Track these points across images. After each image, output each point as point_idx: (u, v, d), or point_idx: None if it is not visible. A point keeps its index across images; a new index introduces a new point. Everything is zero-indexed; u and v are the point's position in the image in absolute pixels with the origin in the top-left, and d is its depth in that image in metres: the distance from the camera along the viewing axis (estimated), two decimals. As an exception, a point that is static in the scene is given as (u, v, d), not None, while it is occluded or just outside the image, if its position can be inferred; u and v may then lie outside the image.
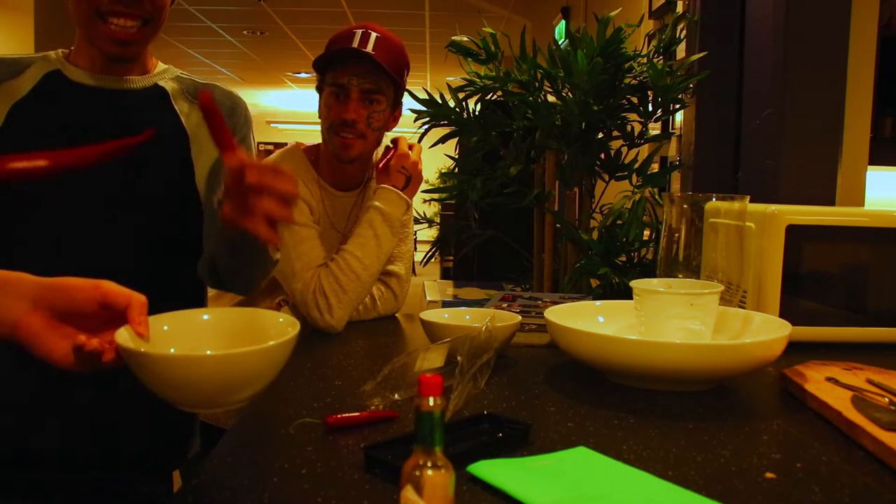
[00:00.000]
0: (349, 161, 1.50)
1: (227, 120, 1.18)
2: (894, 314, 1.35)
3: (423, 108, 2.13)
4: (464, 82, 2.16)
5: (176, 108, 1.19)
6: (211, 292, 1.48)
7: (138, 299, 0.73)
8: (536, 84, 2.08)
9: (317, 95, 1.53)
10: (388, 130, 1.54)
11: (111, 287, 0.73)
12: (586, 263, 1.91)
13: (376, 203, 1.48)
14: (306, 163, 1.53)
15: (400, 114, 1.56)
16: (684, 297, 1.07)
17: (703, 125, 2.30)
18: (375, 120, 1.47)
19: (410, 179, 1.52)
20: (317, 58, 1.46)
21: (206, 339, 0.80)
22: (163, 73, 1.22)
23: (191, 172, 1.18)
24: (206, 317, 0.83)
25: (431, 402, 0.52)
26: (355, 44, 1.43)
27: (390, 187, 1.50)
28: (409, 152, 1.53)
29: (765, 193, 1.93)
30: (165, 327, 0.79)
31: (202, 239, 1.19)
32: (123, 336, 0.70)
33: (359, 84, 1.44)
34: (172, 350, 0.77)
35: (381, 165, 1.54)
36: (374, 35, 1.44)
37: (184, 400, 0.71)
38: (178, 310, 0.81)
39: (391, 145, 1.56)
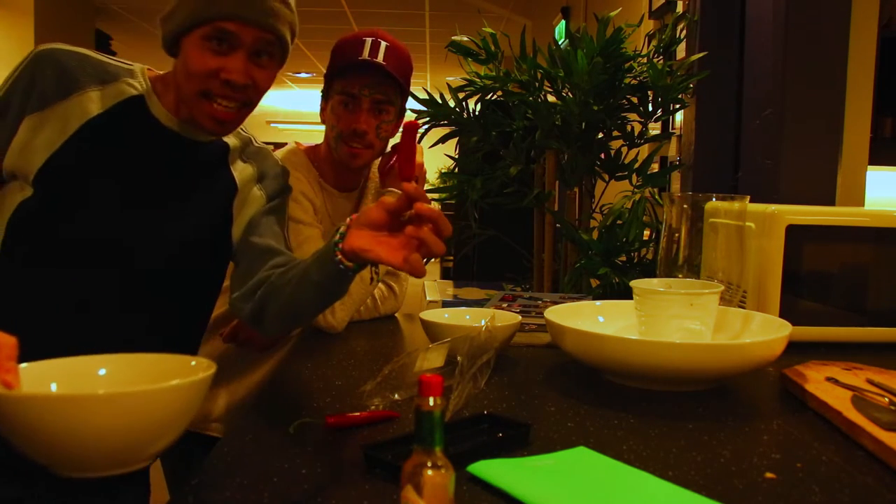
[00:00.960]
0: (356, 169, 1.52)
1: (279, 192, 1.23)
2: (894, 314, 1.35)
3: (424, 108, 2.12)
4: (464, 82, 2.16)
5: (230, 164, 1.20)
6: None
7: (7, 342, 0.63)
8: (536, 84, 2.08)
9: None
10: (391, 137, 1.55)
11: None
12: (586, 263, 1.91)
13: None
14: (308, 163, 1.54)
15: (403, 120, 1.56)
16: (684, 297, 1.07)
17: (703, 125, 2.30)
18: (384, 130, 1.47)
19: (416, 181, 1.52)
20: (328, 68, 1.47)
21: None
22: None
23: (229, 223, 1.19)
24: (101, 370, 0.73)
25: (431, 402, 0.52)
26: (366, 53, 1.42)
27: (397, 191, 1.50)
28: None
29: (765, 193, 1.93)
30: (54, 385, 0.69)
31: (216, 280, 1.23)
32: None
33: (370, 94, 1.44)
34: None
35: (386, 168, 1.54)
36: (383, 44, 1.43)
37: (64, 459, 0.59)
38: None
39: (389, 150, 1.56)
